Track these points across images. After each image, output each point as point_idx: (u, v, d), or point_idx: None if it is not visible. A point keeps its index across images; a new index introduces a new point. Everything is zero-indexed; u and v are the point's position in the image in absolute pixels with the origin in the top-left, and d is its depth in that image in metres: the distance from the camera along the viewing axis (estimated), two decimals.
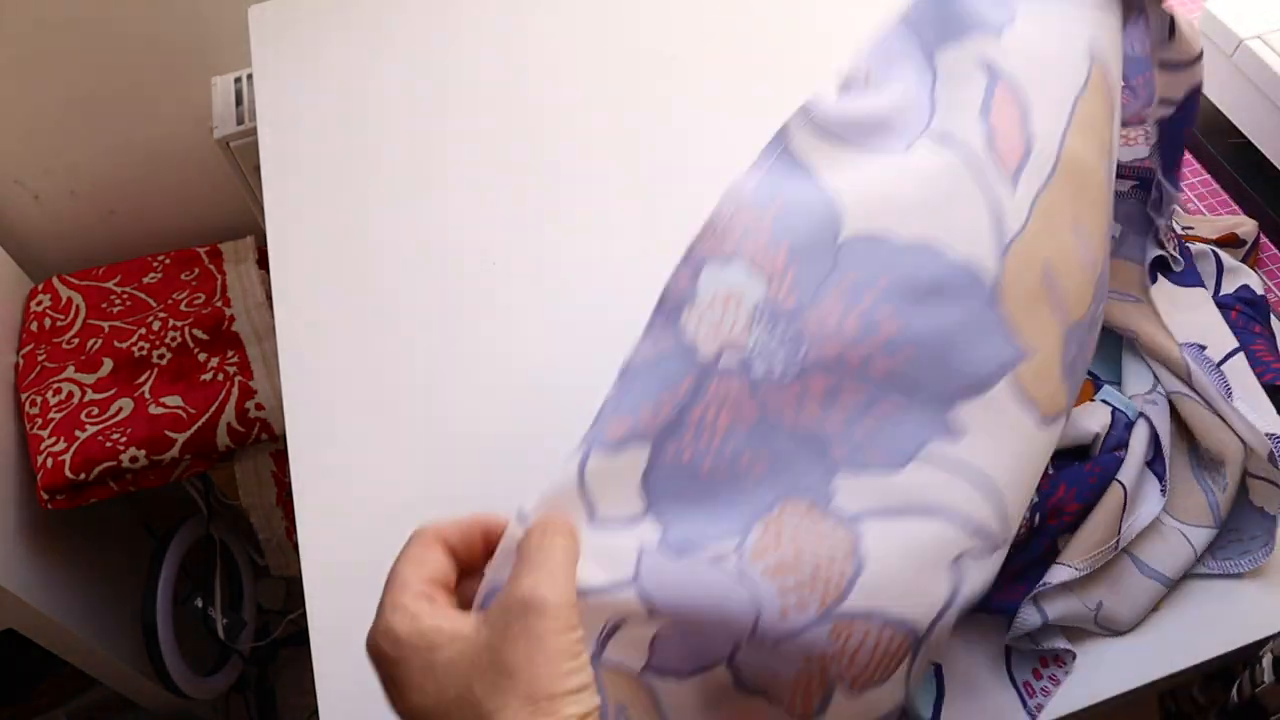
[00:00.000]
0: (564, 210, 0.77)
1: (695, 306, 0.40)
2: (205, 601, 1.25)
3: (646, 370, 0.39)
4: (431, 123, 0.85)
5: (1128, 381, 0.57)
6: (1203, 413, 0.54)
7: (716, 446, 0.39)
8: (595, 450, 0.39)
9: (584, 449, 0.39)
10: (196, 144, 1.24)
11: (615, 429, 0.39)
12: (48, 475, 1.06)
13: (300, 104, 0.89)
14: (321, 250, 0.77)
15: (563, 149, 0.82)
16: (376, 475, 0.63)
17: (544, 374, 0.66)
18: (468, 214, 0.78)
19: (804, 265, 0.39)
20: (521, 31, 0.92)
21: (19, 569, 1.06)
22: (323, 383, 0.68)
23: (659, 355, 0.39)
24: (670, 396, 0.39)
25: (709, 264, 0.40)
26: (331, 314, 0.72)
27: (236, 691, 1.41)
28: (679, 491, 0.38)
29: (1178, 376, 0.55)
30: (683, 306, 0.40)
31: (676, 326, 0.40)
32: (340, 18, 0.97)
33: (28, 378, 1.15)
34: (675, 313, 0.40)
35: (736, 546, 0.37)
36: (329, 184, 0.82)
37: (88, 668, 1.19)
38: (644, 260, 0.73)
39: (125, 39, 1.16)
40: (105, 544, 1.28)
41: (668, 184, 0.78)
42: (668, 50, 0.89)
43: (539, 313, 0.70)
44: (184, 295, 1.22)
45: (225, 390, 1.12)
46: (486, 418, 0.65)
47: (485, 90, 0.87)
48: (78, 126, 1.22)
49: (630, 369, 0.40)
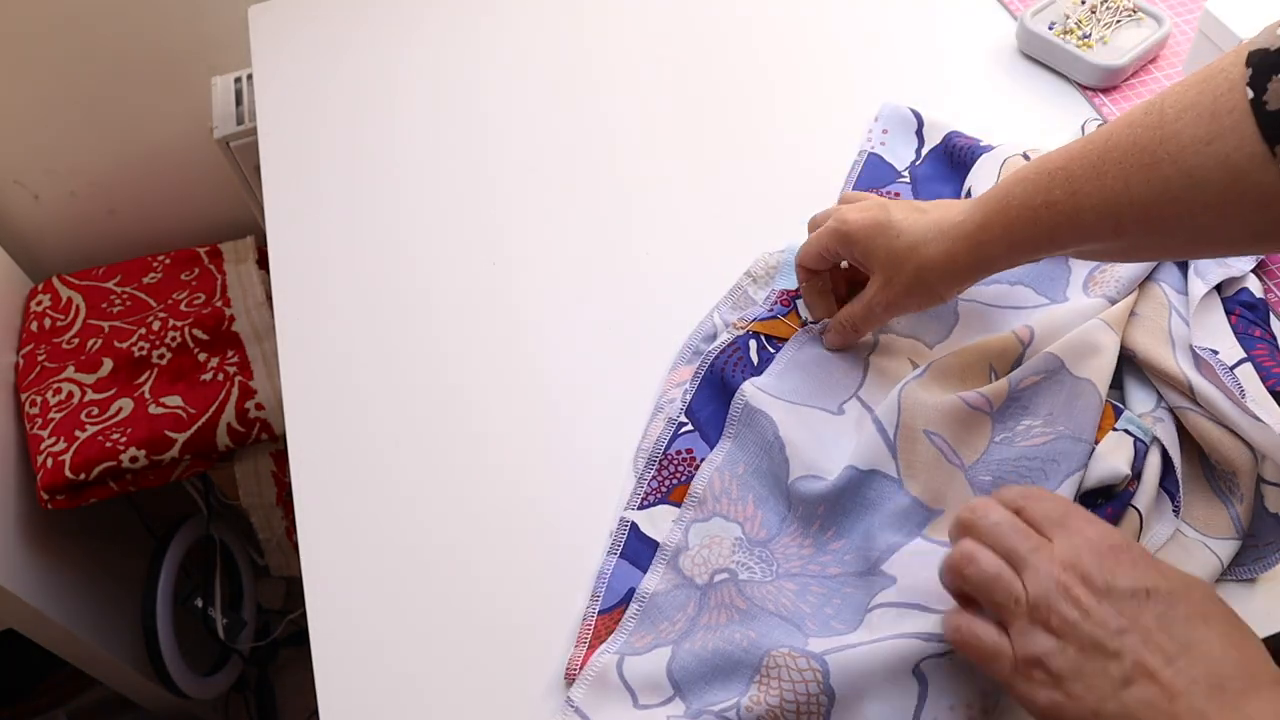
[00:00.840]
0: (565, 210, 0.77)
1: (689, 553, 0.56)
2: (205, 601, 1.25)
3: (662, 597, 0.55)
4: (433, 121, 0.85)
5: (1132, 400, 0.58)
6: (1208, 425, 0.54)
7: (721, 636, 0.51)
8: (629, 657, 0.53)
9: (618, 656, 0.52)
10: (196, 144, 1.24)
11: (642, 640, 0.54)
12: (48, 475, 1.06)
13: (300, 104, 0.89)
14: (321, 250, 0.77)
15: (564, 149, 0.82)
16: (377, 475, 0.63)
17: (545, 374, 0.67)
18: (468, 213, 0.78)
19: (767, 509, 0.57)
20: (522, 31, 0.93)
21: (19, 569, 1.06)
22: (323, 383, 0.68)
23: (670, 587, 0.55)
24: (682, 615, 0.54)
25: (695, 524, 0.57)
26: (331, 314, 0.72)
27: (236, 691, 1.41)
28: (695, 673, 0.51)
29: (1178, 391, 0.55)
30: (680, 553, 0.56)
31: (678, 568, 0.56)
32: (340, 18, 0.97)
33: (28, 378, 1.15)
34: (675, 558, 0.56)
35: (735, 703, 0.49)
36: (329, 184, 0.82)
37: (88, 668, 1.19)
38: (648, 261, 0.73)
39: (125, 39, 1.16)
40: (105, 544, 1.28)
41: (674, 184, 0.78)
42: (681, 54, 0.89)
43: (540, 312, 0.70)
44: (184, 295, 1.22)
45: (225, 390, 1.12)
46: (487, 417, 0.65)
47: (486, 89, 0.87)
48: (78, 126, 1.22)
49: (647, 596, 0.55)
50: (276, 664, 1.47)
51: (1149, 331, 0.58)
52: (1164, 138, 0.42)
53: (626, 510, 0.58)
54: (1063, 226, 0.47)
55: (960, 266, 0.53)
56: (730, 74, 0.86)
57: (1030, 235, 0.49)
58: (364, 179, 0.82)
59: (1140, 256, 0.52)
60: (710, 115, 0.82)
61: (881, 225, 0.55)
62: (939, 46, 0.85)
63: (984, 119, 0.76)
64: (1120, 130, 0.45)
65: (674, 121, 0.82)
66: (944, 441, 0.54)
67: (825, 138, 0.78)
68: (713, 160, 0.79)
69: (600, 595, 0.55)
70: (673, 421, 0.61)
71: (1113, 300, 0.59)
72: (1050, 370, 0.55)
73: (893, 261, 0.55)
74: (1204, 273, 0.59)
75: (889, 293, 0.56)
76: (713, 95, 0.84)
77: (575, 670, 0.53)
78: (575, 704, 0.51)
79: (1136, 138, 0.43)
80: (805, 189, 0.74)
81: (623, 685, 0.52)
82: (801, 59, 0.86)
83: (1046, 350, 0.56)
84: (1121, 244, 0.47)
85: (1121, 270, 0.60)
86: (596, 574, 0.56)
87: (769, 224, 0.71)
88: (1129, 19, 0.81)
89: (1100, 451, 0.53)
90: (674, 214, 0.76)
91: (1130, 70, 0.79)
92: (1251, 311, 0.59)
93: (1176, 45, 0.82)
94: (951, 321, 0.63)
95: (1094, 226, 0.46)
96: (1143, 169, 0.43)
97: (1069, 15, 0.82)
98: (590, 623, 0.55)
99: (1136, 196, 0.43)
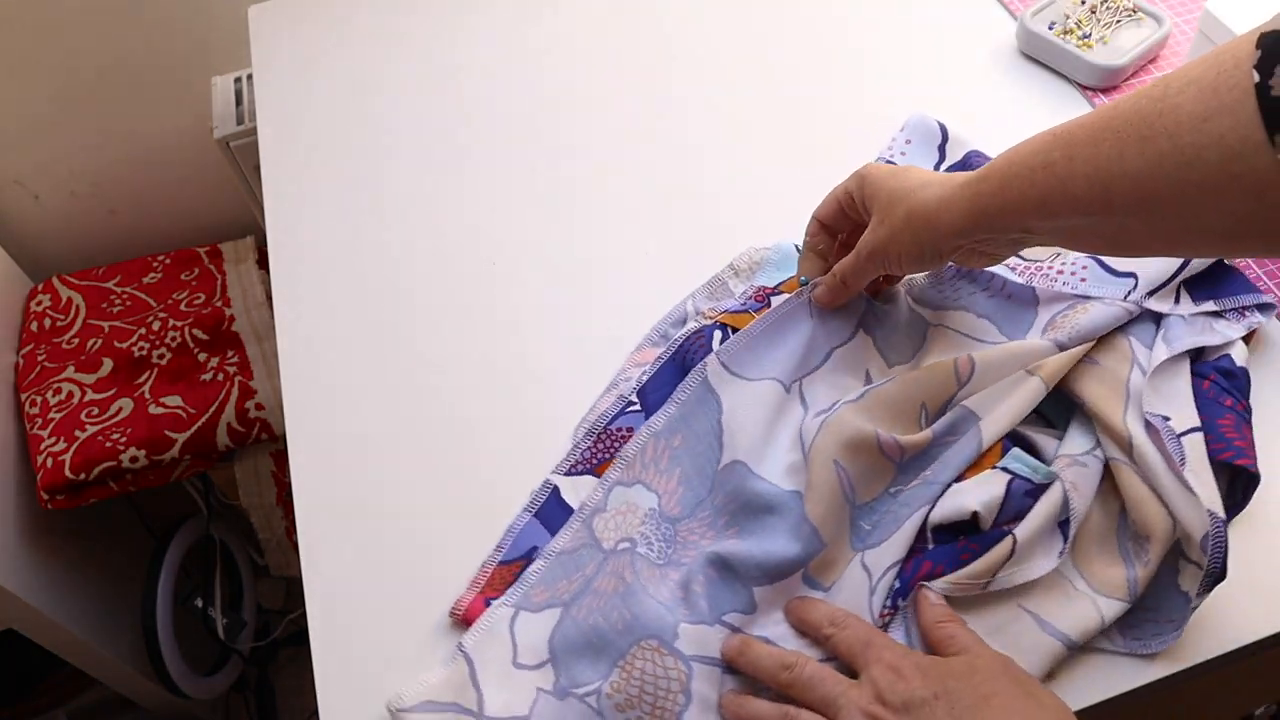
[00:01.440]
0: (566, 210, 0.77)
1: (605, 514, 0.57)
2: (205, 601, 1.25)
3: (567, 556, 0.56)
4: (432, 122, 0.85)
5: (1069, 441, 0.56)
6: (1137, 484, 0.52)
7: (601, 607, 0.53)
8: (523, 611, 0.55)
9: (514, 609, 0.55)
10: (196, 144, 1.24)
11: (540, 595, 0.55)
12: (48, 475, 1.06)
13: (300, 104, 0.89)
14: (321, 250, 0.77)
15: (567, 148, 0.82)
16: (376, 475, 0.63)
17: (545, 374, 0.67)
18: (469, 213, 0.78)
19: (688, 488, 0.58)
20: (524, 31, 0.93)
21: (19, 569, 1.06)
22: (323, 383, 0.68)
23: (577, 545, 0.57)
24: (580, 575, 0.56)
25: (618, 486, 0.58)
26: (331, 314, 0.72)
27: (236, 691, 1.41)
28: (571, 645, 0.53)
29: (1119, 446, 0.54)
30: (596, 514, 0.57)
31: (591, 528, 0.57)
32: (340, 17, 0.97)
33: (28, 378, 1.15)
34: (591, 518, 0.57)
35: (598, 687, 0.51)
36: (329, 184, 0.82)
37: (88, 668, 1.19)
38: (648, 262, 0.73)
39: (126, 39, 1.16)
40: (105, 544, 1.28)
41: (676, 185, 0.78)
42: (674, 50, 0.89)
43: (540, 313, 0.70)
44: (184, 295, 1.22)
45: (225, 390, 1.12)
46: (487, 418, 0.65)
47: (487, 89, 0.87)
48: (78, 127, 1.22)
49: (554, 553, 0.56)
50: (276, 664, 1.47)
51: (1104, 382, 0.56)
52: (1164, 110, 0.41)
53: (553, 473, 0.60)
54: (1055, 192, 0.46)
55: (952, 215, 0.51)
56: (729, 74, 0.86)
57: (1023, 197, 0.48)
58: (364, 179, 0.82)
59: (1128, 246, 0.50)
60: (708, 115, 0.82)
61: (896, 171, 0.56)
62: (939, 46, 0.85)
63: (984, 119, 0.76)
64: (1126, 101, 0.44)
65: (674, 122, 0.82)
66: (846, 475, 0.54)
67: (825, 138, 0.78)
68: (710, 160, 0.79)
69: (505, 547, 0.58)
70: (623, 399, 0.62)
71: (1062, 346, 0.57)
72: (965, 433, 0.55)
73: (891, 202, 0.55)
74: (1174, 339, 0.57)
75: (876, 234, 0.55)
76: (711, 95, 0.84)
77: (459, 611, 0.55)
78: (465, 650, 0.54)
79: (1139, 108, 0.42)
80: (803, 189, 0.74)
81: (510, 639, 0.54)
82: (801, 59, 0.86)
83: (966, 404, 0.56)
84: (1110, 223, 0.46)
85: (1082, 320, 0.58)
86: (507, 527, 0.58)
87: (762, 224, 0.71)
88: (1129, 19, 0.81)
89: (958, 488, 0.53)
90: (676, 214, 0.76)
91: (1130, 70, 0.79)
92: (1228, 379, 0.56)
93: (1176, 45, 0.82)
94: (919, 344, 0.62)
95: (1084, 197, 0.45)
96: (1139, 140, 0.42)
97: (1069, 15, 0.82)
98: (488, 570, 0.57)
99: (1129, 168, 0.43)
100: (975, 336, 0.62)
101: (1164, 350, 0.56)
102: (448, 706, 0.52)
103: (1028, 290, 0.62)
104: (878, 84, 0.82)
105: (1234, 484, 0.53)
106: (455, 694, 0.52)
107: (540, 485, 0.59)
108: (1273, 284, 0.66)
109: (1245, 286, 0.60)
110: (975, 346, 0.61)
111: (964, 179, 0.51)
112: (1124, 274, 0.60)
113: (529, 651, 0.54)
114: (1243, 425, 0.54)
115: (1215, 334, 0.58)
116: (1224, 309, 0.59)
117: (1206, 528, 0.49)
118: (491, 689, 0.52)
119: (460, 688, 0.52)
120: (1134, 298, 0.59)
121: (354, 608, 0.58)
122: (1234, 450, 0.52)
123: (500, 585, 0.56)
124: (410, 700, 0.52)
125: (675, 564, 0.55)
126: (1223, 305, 0.59)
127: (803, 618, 0.52)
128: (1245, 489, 0.53)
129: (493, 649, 0.54)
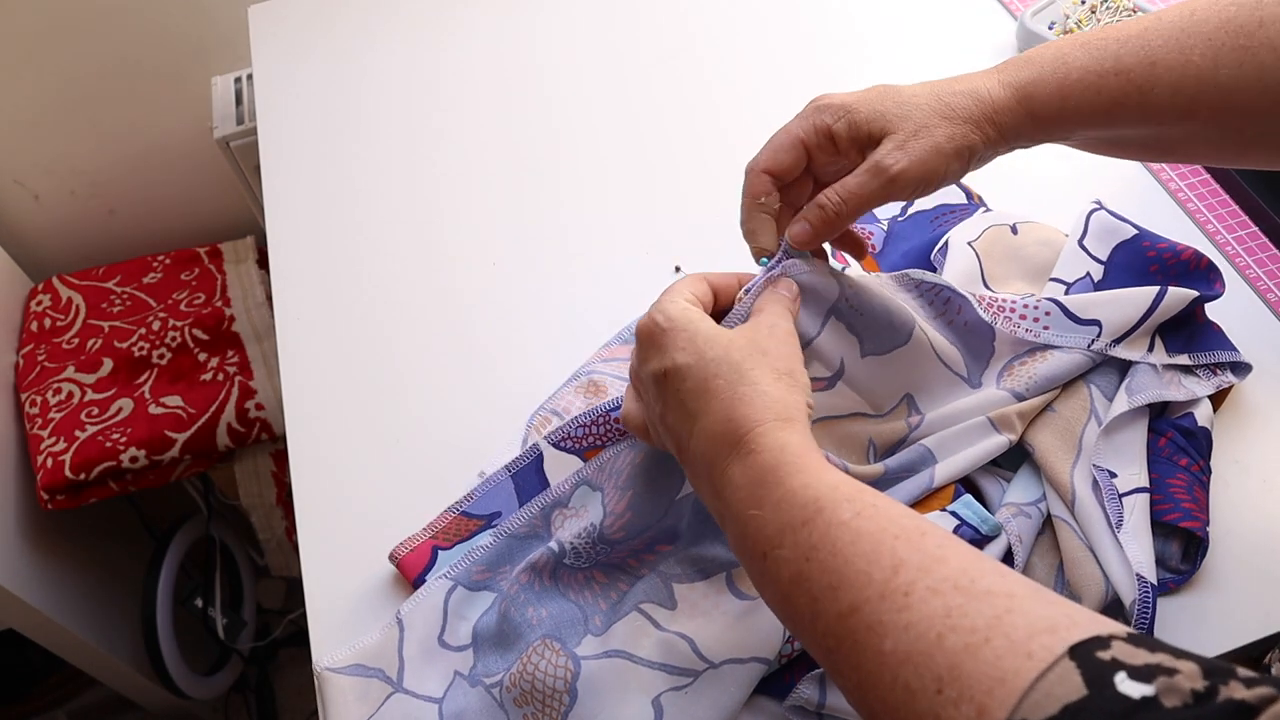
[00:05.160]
0: (566, 210, 0.77)
1: (564, 509, 0.57)
2: (205, 601, 1.25)
3: (516, 541, 0.56)
4: (432, 122, 0.85)
5: (1014, 488, 0.55)
6: (1075, 544, 0.52)
7: (523, 601, 0.53)
8: (461, 586, 0.55)
9: (453, 582, 0.55)
10: (196, 144, 1.24)
11: (480, 575, 0.56)
12: (48, 475, 1.06)
13: (300, 104, 0.89)
14: (321, 250, 0.77)
15: (565, 149, 0.82)
16: (376, 475, 0.63)
17: (544, 374, 0.66)
18: (468, 214, 0.78)
19: (637, 512, 0.54)
20: (522, 32, 0.93)
21: (19, 569, 1.06)
22: (323, 383, 0.68)
23: (530, 533, 0.57)
24: (525, 563, 0.55)
25: (584, 485, 0.57)
26: (331, 314, 0.72)
27: (236, 691, 1.41)
28: (491, 635, 0.54)
29: (1062, 500, 0.53)
30: (557, 506, 0.57)
31: (548, 518, 0.57)
32: (340, 18, 0.97)
33: (28, 378, 1.15)
34: (551, 509, 0.57)
35: (500, 679, 0.51)
36: (329, 184, 0.82)
37: (88, 668, 1.19)
38: (645, 260, 0.73)
39: (126, 39, 1.16)
40: (105, 544, 1.28)
41: (670, 183, 0.78)
42: (674, 51, 0.89)
43: (539, 313, 0.70)
44: (184, 295, 1.22)
45: (225, 390, 1.12)
46: (486, 417, 0.65)
47: (486, 90, 0.87)
48: (78, 126, 1.22)
49: (506, 534, 0.56)
50: (276, 664, 1.47)
51: (1058, 433, 0.55)
52: (1264, 20, 0.39)
53: (545, 439, 0.60)
54: (1131, 99, 0.42)
55: (999, 103, 0.45)
56: (728, 74, 0.86)
57: (1086, 103, 0.43)
58: (363, 178, 0.82)
59: (1179, 154, 0.45)
60: (705, 115, 0.82)
61: (884, 89, 0.48)
62: (939, 46, 0.85)
63: None
64: (1206, 7, 0.41)
65: (674, 122, 0.83)
66: None
67: None
68: (710, 160, 0.79)
69: (475, 498, 0.59)
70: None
71: (1020, 396, 0.55)
72: (919, 472, 0.54)
73: (914, 111, 0.46)
74: (1136, 389, 0.55)
75: (910, 150, 0.46)
76: (709, 95, 0.84)
77: (406, 550, 0.57)
78: (400, 617, 0.55)
79: (1231, 16, 0.40)
80: None
81: (442, 612, 0.55)
82: (800, 59, 0.86)
83: (925, 443, 0.55)
84: (1178, 131, 0.42)
85: (1041, 368, 0.56)
86: (482, 476, 0.59)
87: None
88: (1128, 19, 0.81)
89: None
90: (675, 216, 0.76)
91: None
92: (1187, 438, 0.54)
93: None
94: (899, 339, 0.55)
95: (1165, 106, 0.42)
96: (1236, 50, 0.39)
97: (1069, 15, 0.82)
98: (447, 517, 0.58)
99: (1224, 80, 0.39)
100: (945, 362, 0.57)
101: (1124, 402, 0.54)
102: (373, 672, 0.53)
103: (987, 327, 0.58)
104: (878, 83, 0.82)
105: (1189, 546, 0.53)
106: (383, 660, 0.54)
107: (530, 448, 0.60)
108: (1273, 284, 0.66)
109: (1222, 343, 0.57)
110: (944, 374, 0.57)
111: (993, 82, 0.46)
112: (1087, 322, 0.57)
113: (455, 631, 0.54)
114: (1195, 487, 0.53)
115: (1181, 389, 0.55)
116: (1197, 364, 0.56)
117: (1134, 594, 0.49)
118: (414, 661, 0.54)
119: (389, 655, 0.54)
120: (1097, 346, 0.56)
121: (354, 608, 0.58)
122: (1181, 512, 0.52)
123: (453, 536, 0.57)
124: (341, 661, 0.53)
125: (598, 567, 0.56)
126: (1196, 360, 0.56)
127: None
128: (1198, 552, 0.52)
129: (423, 619, 0.55)
